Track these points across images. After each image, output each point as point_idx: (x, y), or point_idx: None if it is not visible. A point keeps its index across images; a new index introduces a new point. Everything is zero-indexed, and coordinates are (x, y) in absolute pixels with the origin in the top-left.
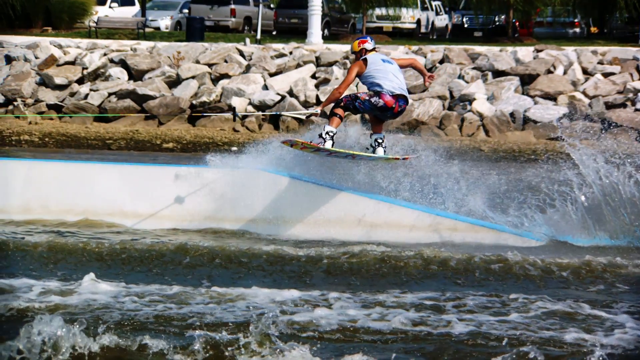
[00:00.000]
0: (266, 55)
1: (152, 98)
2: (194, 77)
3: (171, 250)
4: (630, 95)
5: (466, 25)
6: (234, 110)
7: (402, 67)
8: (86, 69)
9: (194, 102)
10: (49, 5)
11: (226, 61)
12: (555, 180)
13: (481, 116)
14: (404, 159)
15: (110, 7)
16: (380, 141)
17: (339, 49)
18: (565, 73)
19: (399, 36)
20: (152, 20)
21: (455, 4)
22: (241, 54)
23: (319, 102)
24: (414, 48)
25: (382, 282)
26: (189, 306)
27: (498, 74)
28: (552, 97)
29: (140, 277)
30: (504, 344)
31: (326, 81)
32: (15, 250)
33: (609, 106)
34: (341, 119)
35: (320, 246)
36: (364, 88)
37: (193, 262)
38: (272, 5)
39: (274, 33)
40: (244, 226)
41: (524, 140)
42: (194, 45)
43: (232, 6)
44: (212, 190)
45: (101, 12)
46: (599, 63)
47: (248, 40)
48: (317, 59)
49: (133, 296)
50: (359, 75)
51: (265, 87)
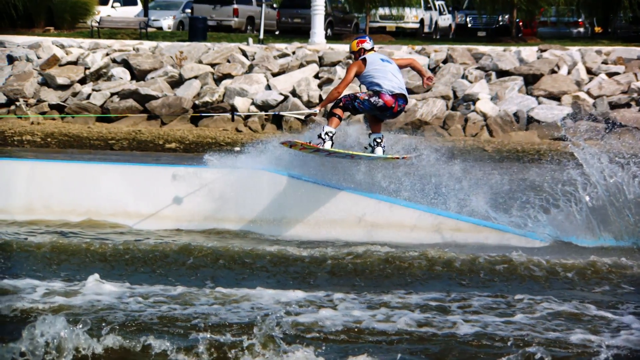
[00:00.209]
0: (269, 55)
1: (155, 98)
2: (196, 77)
3: (175, 251)
4: (635, 95)
5: (470, 25)
6: (232, 111)
7: (400, 67)
8: (88, 69)
9: (197, 102)
10: (51, 5)
11: (229, 61)
12: (559, 180)
13: (485, 116)
14: (403, 158)
15: (112, 6)
16: (379, 141)
17: (342, 48)
18: (569, 73)
19: (402, 36)
20: (154, 20)
21: (459, 3)
22: (244, 53)
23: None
24: (418, 48)
25: (386, 283)
26: (193, 307)
27: (502, 73)
28: (556, 97)
29: (144, 277)
30: (509, 344)
31: (329, 81)
32: (18, 251)
33: (613, 106)
34: (340, 119)
35: (324, 247)
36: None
37: (197, 262)
38: (275, 5)
39: (276, 33)
40: (247, 226)
41: (528, 141)
42: (196, 45)
43: (235, 6)
44: (215, 190)
45: (103, 12)
46: (603, 63)
47: (251, 40)
48: (320, 58)
49: (137, 297)
50: (358, 75)
51: (268, 87)
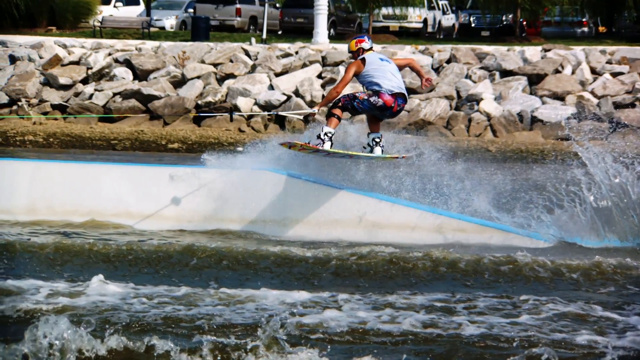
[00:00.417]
0: (272, 55)
1: (157, 98)
2: (199, 77)
3: (178, 252)
4: (639, 95)
5: (473, 25)
6: (231, 111)
7: (399, 67)
8: (91, 68)
9: (199, 102)
10: (53, 4)
11: (232, 61)
12: (563, 180)
13: (488, 116)
14: (402, 157)
15: (115, 6)
16: (377, 140)
17: (345, 48)
18: (573, 73)
19: (405, 36)
20: (157, 20)
21: (462, 3)
22: (247, 53)
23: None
24: (421, 48)
25: (391, 284)
26: (197, 308)
27: (506, 73)
28: (560, 97)
29: (148, 278)
30: (515, 345)
31: (332, 81)
32: (22, 252)
33: (617, 106)
34: (339, 119)
35: (328, 247)
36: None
37: (200, 263)
38: (277, 5)
39: (279, 33)
40: (250, 227)
41: (532, 141)
42: (199, 45)
43: (238, 5)
44: (218, 191)
45: (106, 11)
46: (607, 63)
47: (254, 40)
48: (323, 58)
49: (141, 297)
50: (357, 74)
51: (271, 87)
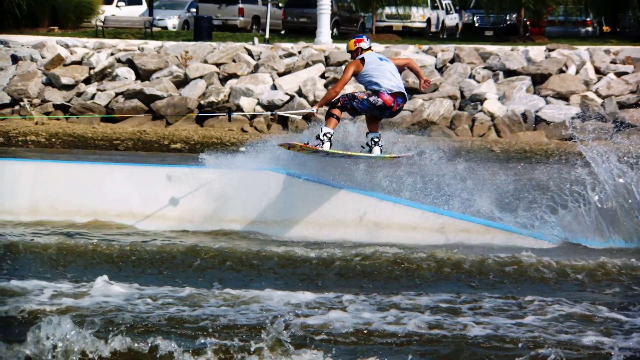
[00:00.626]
0: (275, 55)
1: (160, 98)
2: (201, 77)
3: (182, 252)
4: None
5: (477, 24)
6: (229, 111)
7: (398, 67)
8: (93, 68)
9: (202, 102)
10: (55, 4)
11: (234, 61)
12: (567, 180)
13: (492, 116)
14: (400, 157)
15: (117, 6)
16: (376, 140)
17: None
18: (577, 72)
19: (408, 35)
20: (159, 20)
21: (466, 2)
22: (249, 53)
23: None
24: (424, 47)
25: (395, 285)
26: (202, 308)
27: (509, 73)
28: (564, 97)
29: (151, 279)
30: (521, 346)
31: (335, 81)
32: (25, 252)
33: (621, 106)
34: (338, 119)
35: (332, 248)
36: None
37: (204, 264)
38: (280, 4)
39: (282, 32)
40: (253, 227)
41: (536, 141)
42: (201, 45)
43: (240, 5)
44: (221, 191)
45: (108, 11)
46: (611, 62)
47: (256, 40)
48: (326, 58)
49: (146, 298)
50: (356, 74)
51: (274, 87)
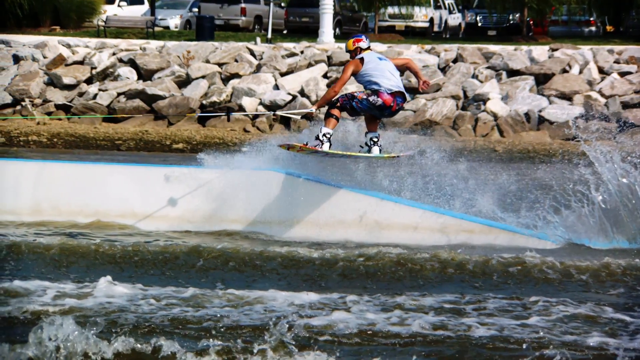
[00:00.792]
0: (277, 55)
1: (162, 98)
2: (204, 77)
3: (184, 253)
4: None
5: (480, 24)
6: (227, 111)
7: (397, 67)
8: (95, 68)
9: (204, 102)
10: (57, 4)
11: (236, 60)
12: (571, 180)
13: (495, 116)
14: (399, 156)
15: (119, 6)
16: (375, 140)
17: None
18: (580, 72)
19: (411, 35)
20: (161, 19)
21: (469, 2)
22: (252, 53)
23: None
24: (427, 47)
25: (399, 285)
26: (205, 309)
27: (512, 73)
28: (567, 97)
29: (154, 279)
30: (525, 347)
31: None
32: (27, 253)
33: (625, 106)
34: (337, 119)
35: (335, 248)
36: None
37: (207, 264)
38: (282, 4)
39: (284, 32)
40: (256, 227)
41: (539, 141)
42: (204, 45)
43: (243, 5)
44: (224, 191)
45: (110, 11)
46: (615, 62)
47: (259, 40)
48: (329, 58)
49: (149, 299)
50: (355, 74)
51: (276, 87)
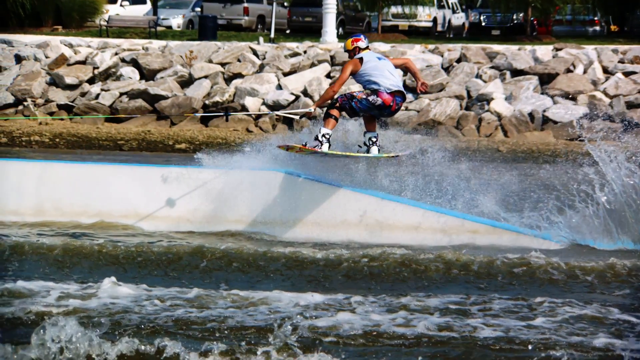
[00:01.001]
0: (280, 55)
1: (164, 98)
2: (206, 77)
3: (188, 253)
4: None
5: (484, 24)
6: (226, 111)
7: (396, 67)
8: (97, 68)
9: (207, 102)
10: (59, 3)
11: (239, 60)
12: (575, 180)
13: (499, 116)
14: (398, 156)
15: (121, 5)
16: (374, 140)
17: None
18: (585, 72)
19: (415, 35)
20: (163, 19)
21: (472, 1)
22: (255, 53)
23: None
24: (431, 47)
25: (403, 286)
26: (209, 310)
27: (516, 73)
28: (571, 97)
29: (157, 280)
30: (531, 348)
31: None
32: (30, 253)
33: (630, 106)
34: (336, 120)
35: (339, 249)
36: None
37: (210, 265)
38: (285, 4)
39: (287, 32)
40: (259, 228)
41: (543, 141)
42: (206, 44)
43: (245, 4)
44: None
45: (112, 10)
46: (619, 62)
47: (262, 39)
48: (332, 58)
49: (153, 299)
50: (354, 73)
51: (279, 87)
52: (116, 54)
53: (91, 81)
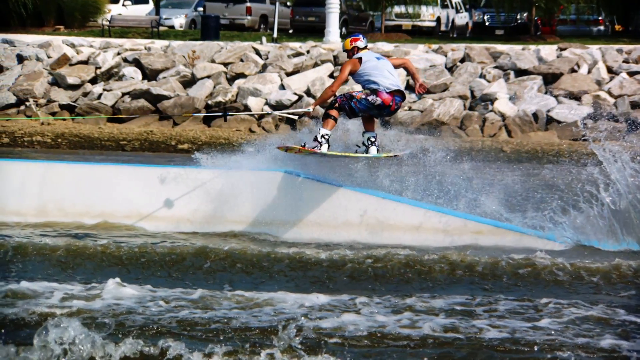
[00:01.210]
0: (283, 54)
1: (167, 98)
2: (209, 77)
3: (191, 254)
4: None
5: (487, 23)
6: (225, 111)
7: (394, 66)
8: (99, 68)
9: (210, 102)
10: (61, 3)
11: (242, 60)
12: (580, 181)
13: (503, 116)
14: (397, 155)
15: (123, 5)
16: (373, 140)
17: None
18: (589, 72)
19: (418, 34)
20: (166, 19)
21: (476, 1)
22: (257, 53)
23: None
24: (434, 47)
25: (408, 287)
26: (214, 311)
27: (520, 73)
28: (576, 97)
29: (161, 281)
30: (537, 350)
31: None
32: (34, 254)
33: (634, 106)
34: (335, 120)
35: (343, 250)
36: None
37: (214, 266)
38: (288, 3)
39: (290, 31)
40: (261, 228)
41: (547, 141)
42: (209, 44)
43: (248, 4)
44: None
45: (114, 10)
46: (624, 62)
47: (264, 39)
48: (335, 57)
49: (158, 300)
50: (353, 73)
51: (282, 87)
52: (118, 53)
53: (93, 81)
